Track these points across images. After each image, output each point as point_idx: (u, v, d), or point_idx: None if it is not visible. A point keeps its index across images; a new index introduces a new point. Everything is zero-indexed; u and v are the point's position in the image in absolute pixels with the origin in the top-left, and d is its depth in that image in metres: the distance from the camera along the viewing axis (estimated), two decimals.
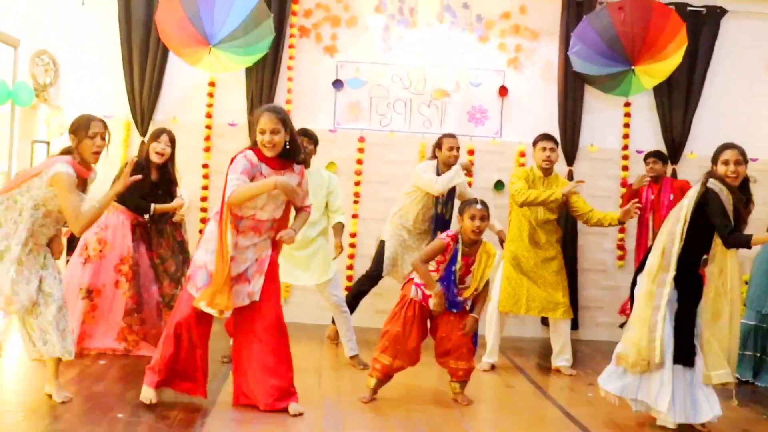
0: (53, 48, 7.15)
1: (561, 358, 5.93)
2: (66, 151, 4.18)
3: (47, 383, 4.30)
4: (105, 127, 4.17)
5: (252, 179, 4.06)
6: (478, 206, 4.69)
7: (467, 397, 4.86)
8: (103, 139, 4.13)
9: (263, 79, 7.12)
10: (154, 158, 5.48)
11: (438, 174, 5.93)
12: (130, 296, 5.41)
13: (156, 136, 5.53)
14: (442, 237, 4.74)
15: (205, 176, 7.21)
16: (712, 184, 4.36)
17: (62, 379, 4.48)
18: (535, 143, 5.96)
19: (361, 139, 7.26)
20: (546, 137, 5.94)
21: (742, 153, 4.43)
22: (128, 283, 5.40)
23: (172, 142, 5.57)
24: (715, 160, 4.48)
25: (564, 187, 5.75)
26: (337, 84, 7.31)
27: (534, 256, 5.83)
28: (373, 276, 6.19)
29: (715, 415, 4.37)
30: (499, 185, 7.29)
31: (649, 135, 7.46)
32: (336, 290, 5.59)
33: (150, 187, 5.49)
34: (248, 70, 7.13)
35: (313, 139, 5.48)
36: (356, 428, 4.26)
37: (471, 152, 7.28)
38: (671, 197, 6.62)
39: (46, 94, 7.09)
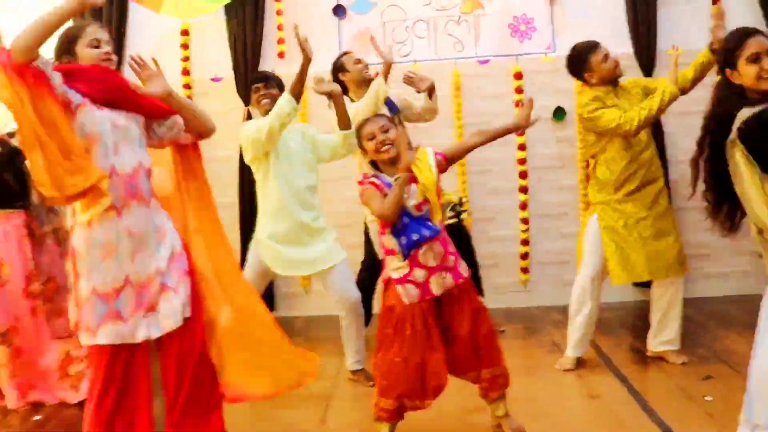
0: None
1: (661, 339, 4.30)
2: None
3: None
4: None
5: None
6: (371, 124, 3.34)
7: (518, 424, 3.36)
8: None
9: (245, 18, 5.85)
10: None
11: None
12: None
13: None
14: (365, 183, 3.30)
15: None
16: None
17: None
18: (589, 54, 4.23)
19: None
20: (597, 44, 4.26)
21: None
22: (48, 304, 4.01)
23: None
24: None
25: (670, 77, 4.12)
26: (339, 11, 5.95)
27: (640, 203, 4.23)
28: (371, 267, 4.79)
29: None
30: (559, 113, 5.79)
31: None
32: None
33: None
34: (227, 10, 5.87)
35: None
36: None
37: (518, 75, 5.76)
38: None
39: None
